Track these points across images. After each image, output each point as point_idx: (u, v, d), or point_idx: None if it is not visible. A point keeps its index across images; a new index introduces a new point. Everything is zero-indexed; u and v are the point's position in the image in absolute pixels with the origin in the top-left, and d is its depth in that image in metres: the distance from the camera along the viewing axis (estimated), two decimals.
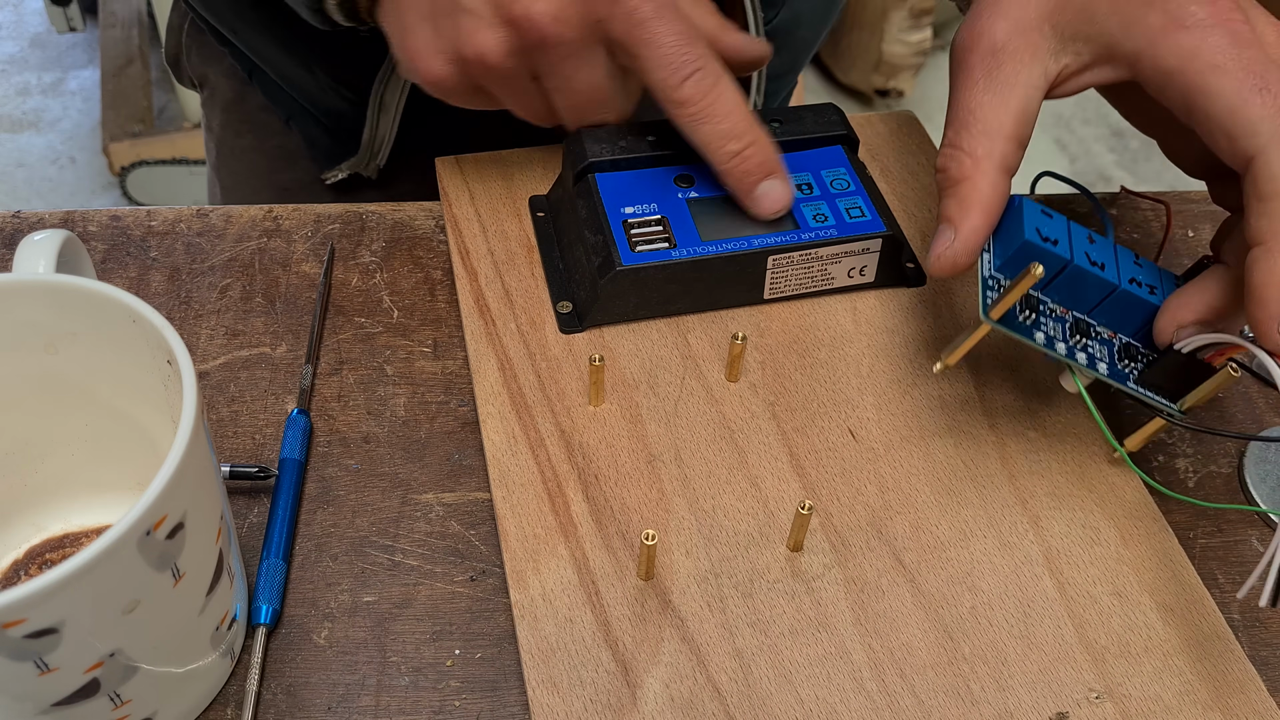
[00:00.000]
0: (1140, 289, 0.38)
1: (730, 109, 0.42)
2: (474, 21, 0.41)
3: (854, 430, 0.41)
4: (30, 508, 0.38)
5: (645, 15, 0.40)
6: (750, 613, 0.36)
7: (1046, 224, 0.38)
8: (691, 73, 0.41)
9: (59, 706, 0.30)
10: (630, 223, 0.43)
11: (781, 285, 0.45)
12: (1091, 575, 0.38)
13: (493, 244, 0.47)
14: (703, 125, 0.42)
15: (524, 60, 0.42)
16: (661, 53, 0.40)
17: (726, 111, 0.42)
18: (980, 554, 0.38)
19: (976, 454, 0.41)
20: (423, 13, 0.42)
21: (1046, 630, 0.37)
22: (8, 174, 1.86)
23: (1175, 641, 0.36)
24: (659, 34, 0.40)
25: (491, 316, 0.44)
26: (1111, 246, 0.39)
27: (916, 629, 0.36)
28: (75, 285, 0.33)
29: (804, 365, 0.43)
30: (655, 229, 0.43)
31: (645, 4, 0.40)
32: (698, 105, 0.41)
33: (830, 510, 0.39)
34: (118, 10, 1.91)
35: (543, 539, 0.38)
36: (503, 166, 0.50)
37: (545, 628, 0.36)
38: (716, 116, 0.42)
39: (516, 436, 0.40)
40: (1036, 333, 0.38)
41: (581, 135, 0.45)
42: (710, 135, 0.42)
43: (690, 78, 0.41)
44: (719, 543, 0.38)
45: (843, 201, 0.45)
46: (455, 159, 0.50)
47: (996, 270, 0.39)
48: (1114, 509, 0.40)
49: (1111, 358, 0.39)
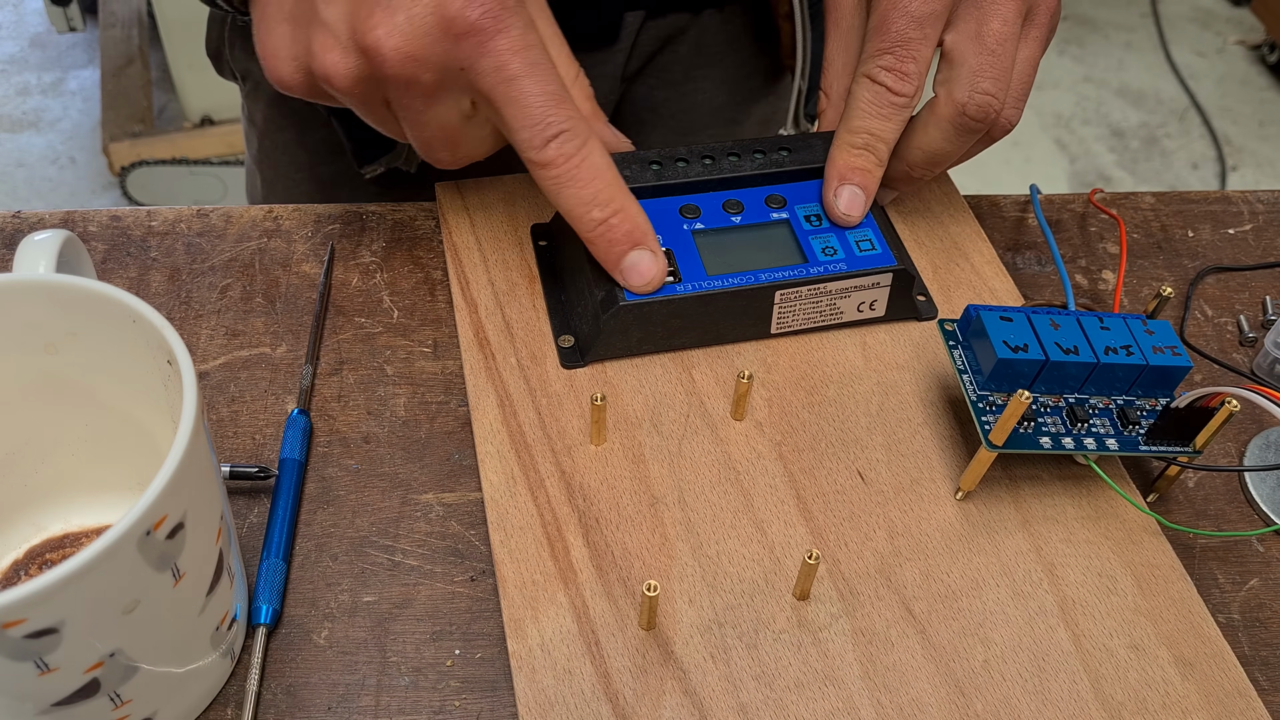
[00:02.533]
0: (1118, 354, 0.39)
1: (595, 174, 0.40)
2: (328, 39, 0.39)
3: (863, 472, 0.40)
4: (30, 508, 0.38)
5: (514, 72, 0.38)
6: (755, 665, 0.35)
7: (1010, 330, 0.39)
8: (556, 134, 0.39)
9: (59, 706, 0.30)
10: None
11: (789, 320, 0.43)
12: (1108, 627, 0.37)
13: (493, 274, 0.46)
14: (566, 189, 0.40)
15: (373, 89, 0.40)
16: (527, 112, 0.38)
17: (590, 177, 0.40)
18: (993, 604, 0.37)
19: (989, 498, 0.40)
20: (285, 12, 0.40)
21: (1061, 685, 0.35)
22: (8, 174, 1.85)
23: (1194, 698, 0.35)
24: (527, 92, 0.38)
25: (491, 350, 0.43)
26: (1075, 321, 0.40)
27: (927, 683, 0.35)
28: (75, 285, 0.33)
29: (812, 403, 0.42)
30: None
31: (515, 59, 0.38)
32: (561, 168, 0.39)
33: (838, 557, 0.38)
34: (118, 10, 1.90)
35: (542, 586, 0.37)
36: (505, 192, 0.49)
37: (544, 680, 0.35)
38: (580, 180, 0.40)
39: (515, 477, 0.39)
40: (1041, 438, 0.39)
41: None
42: (573, 201, 0.40)
43: (554, 139, 0.39)
44: (723, 590, 0.37)
45: (852, 234, 0.44)
46: (456, 184, 0.49)
47: (982, 390, 0.39)
48: (1131, 556, 0.39)
49: (1115, 428, 0.39)
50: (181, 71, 1.70)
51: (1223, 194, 0.55)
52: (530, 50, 0.38)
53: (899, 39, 0.42)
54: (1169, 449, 0.39)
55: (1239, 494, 0.43)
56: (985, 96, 0.43)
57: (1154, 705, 0.35)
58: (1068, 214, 0.53)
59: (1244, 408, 0.42)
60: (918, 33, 0.42)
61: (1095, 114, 2.11)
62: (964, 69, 0.43)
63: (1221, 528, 0.42)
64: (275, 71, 0.41)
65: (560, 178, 0.40)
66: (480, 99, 0.39)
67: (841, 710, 0.35)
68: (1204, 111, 2.12)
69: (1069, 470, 0.41)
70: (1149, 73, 2.21)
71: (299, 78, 0.41)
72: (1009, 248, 0.52)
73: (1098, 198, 0.51)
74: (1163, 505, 0.42)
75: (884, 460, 0.41)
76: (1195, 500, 0.43)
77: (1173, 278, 0.51)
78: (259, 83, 0.67)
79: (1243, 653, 0.38)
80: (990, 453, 0.38)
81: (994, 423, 0.38)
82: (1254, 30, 2.31)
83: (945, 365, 0.44)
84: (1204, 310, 0.50)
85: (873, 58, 0.43)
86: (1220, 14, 2.37)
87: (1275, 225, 0.54)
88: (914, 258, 0.48)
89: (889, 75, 0.43)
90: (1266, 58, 2.23)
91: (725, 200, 0.45)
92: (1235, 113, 2.13)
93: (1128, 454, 0.39)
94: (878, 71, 0.43)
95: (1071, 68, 2.22)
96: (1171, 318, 0.49)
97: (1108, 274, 0.51)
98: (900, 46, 0.43)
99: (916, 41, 0.43)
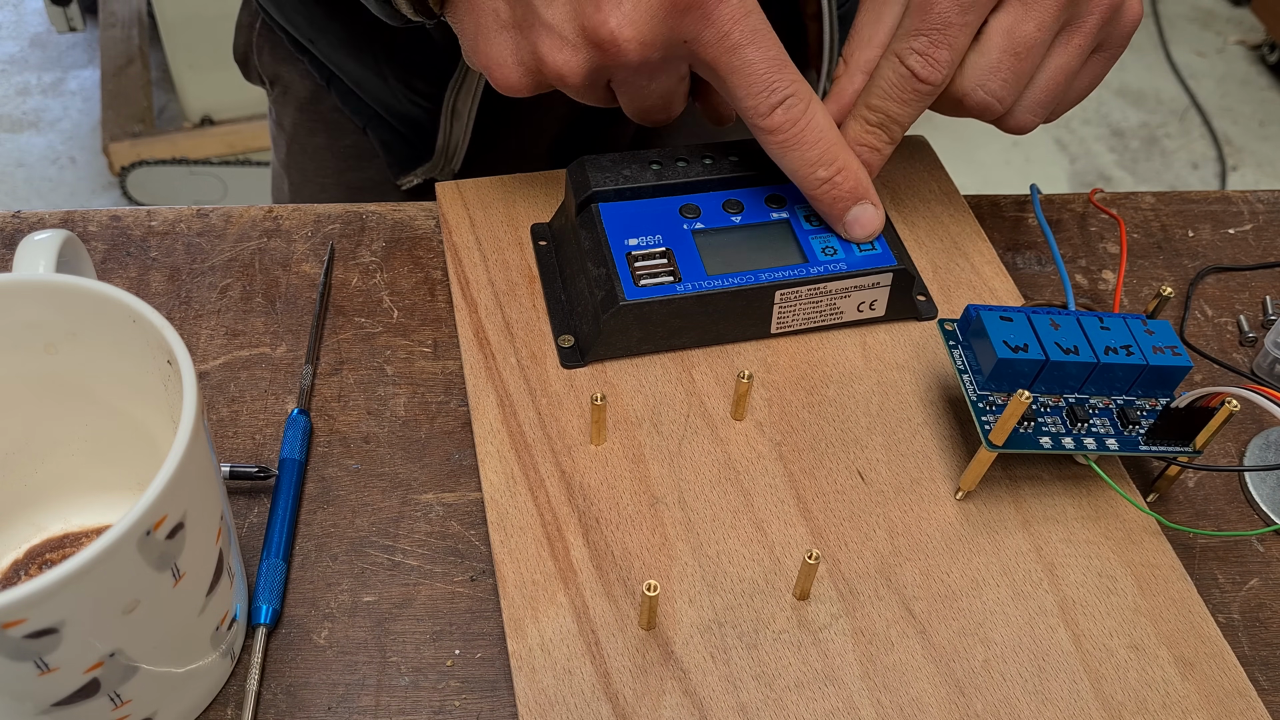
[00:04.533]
0: (1118, 354, 0.39)
1: (819, 135, 0.41)
2: (556, 40, 0.39)
3: (863, 472, 0.40)
4: (30, 508, 0.38)
5: (737, 40, 0.39)
6: (755, 664, 0.35)
7: (1010, 330, 0.39)
8: (782, 99, 0.40)
9: (59, 706, 0.30)
10: (634, 255, 0.42)
11: (789, 320, 0.43)
12: (1108, 627, 0.37)
13: (493, 274, 0.46)
14: (792, 152, 0.41)
15: (603, 75, 0.41)
16: (751, 79, 0.39)
17: (816, 138, 0.41)
18: (993, 604, 0.37)
19: (989, 498, 0.40)
20: (502, 20, 0.41)
21: (1061, 685, 0.35)
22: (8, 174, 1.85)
23: (1195, 698, 0.35)
24: (750, 60, 0.39)
25: (491, 350, 0.43)
26: (1075, 321, 0.40)
27: (927, 683, 0.35)
28: (75, 285, 0.33)
29: (812, 403, 0.42)
30: (660, 262, 0.42)
31: (736, 27, 0.39)
32: (788, 133, 0.41)
33: (838, 556, 0.38)
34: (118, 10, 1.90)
35: (542, 586, 0.37)
36: (505, 192, 0.49)
37: (544, 679, 0.35)
38: (806, 143, 0.41)
39: (515, 477, 0.39)
40: (1041, 438, 0.39)
41: (585, 163, 0.44)
42: (800, 162, 0.41)
43: (781, 105, 0.40)
44: (723, 590, 0.37)
45: None
46: (456, 184, 0.49)
47: (982, 390, 0.39)
48: (1131, 556, 0.39)
49: (1115, 428, 0.39)
50: (181, 71, 1.70)
51: (1223, 194, 0.55)
52: (750, 17, 0.39)
53: (939, 22, 0.40)
54: (1169, 449, 0.39)
55: (1239, 494, 0.43)
56: (989, 97, 0.42)
57: (1154, 705, 0.35)
58: (1068, 214, 0.53)
59: (1244, 408, 0.43)
60: (960, 18, 0.40)
61: (1095, 114, 2.11)
62: (982, 60, 0.41)
63: (1221, 528, 0.42)
64: (504, 79, 0.42)
65: (788, 141, 0.41)
66: (704, 68, 0.40)
67: (841, 710, 0.35)
68: (1204, 111, 2.12)
69: (1069, 470, 0.41)
70: (1149, 73, 2.21)
71: (526, 80, 0.42)
72: (1009, 248, 0.52)
73: (1098, 198, 0.51)
74: (1163, 505, 0.42)
75: (884, 460, 0.41)
76: (1195, 500, 0.43)
77: (1173, 278, 0.51)
78: (288, 87, 0.67)
79: (1243, 653, 0.38)
80: (990, 453, 0.38)
81: (994, 423, 0.38)
82: (1254, 30, 2.31)
83: (945, 365, 0.44)
84: (1204, 310, 0.50)
85: (908, 36, 0.41)
86: (1220, 14, 2.37)
87: (1275, 225, 0.54)
88: (914, 258, 0.48)
89: (918, 60, 0.41)
90: (1266, 58, 2.23)
91: (725, 200, 0.45)
92: (1235, 113, 2.13)
93: (1128, 454, 0.39)
94: (908, 53, 0.41)
95: None
96: (1171, 318, 0.49)
97: (1108, 274, 0.51)
98: (938, 30, 0.41)
99: (956, 27, 0.41)
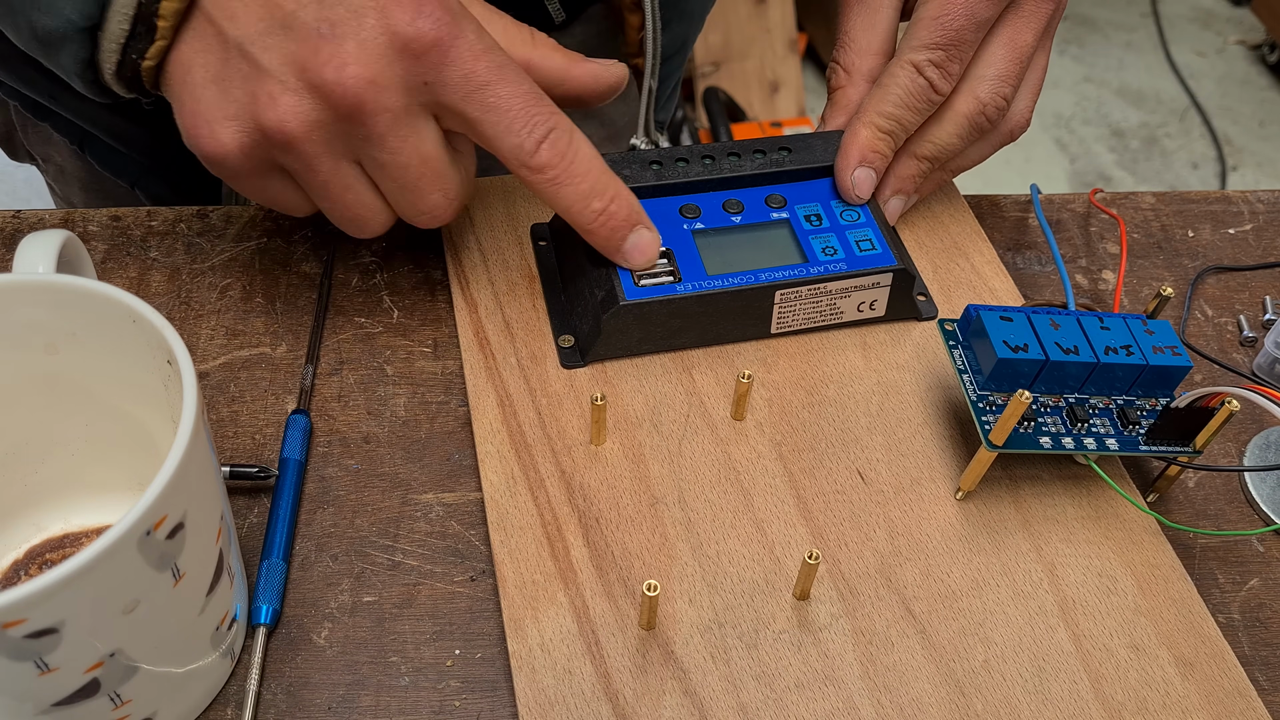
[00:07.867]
0: (1118, 354, 0.39)
1: (588, 165, 0.39)
2: (274, 87, 0.35)
3: (863, 472, 0.40)
4: (30, 508, 0.38)
5: (484, 78, 0.36)
6: (755, 665, 0.35)
7: (1010, 330, 0.39)
8: (546, 134, 0.37)
9: (59, 706, 0.30)
10: None
11: (789, 320, 0.43)
12: (1108, 627, 0.37)
13: (493, 274, 0.46)
14: (564, 188, 0.39)
15: (335, 134, 0.36)
16: (509, 117, 0.37)
17: (586, 169, 0.39)
18: (993, 604, 0.37)
19: (989, 498, 0.40)
20: (211, 73, 0.36)
21: (1062, 686, 0.35)
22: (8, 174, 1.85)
23: (1195, 698, 0.35)
24: (503, 97, 0.36)
25: (491, 350, 0.43)
26: (1075, 321, 0.40)
27: (927, 683, 0.35)
28: (75, 285, 0.33)
29: (812, 403, 0.42)
30: (660, 262, 0.42)
31: (479, 64, 0.36)
32: (558, 168, 0.38)
33: (838, 556, 0.38)
34: None
35: (542, 585, 0.37)
36: (505, 192, 0.49)
37: (544, 679, 0.35)
38: (578, 175, 0.39)
39: (516, 477, 0.39)
40: (1041, 438, 0.39)
41: None
42: (574, 197, 0.39)
43: (546, 140, 0.37)
44: (723, 590, 0.37)
45: (852, 234, 0.44)
46: None
47: (982, 390, 0.39)
48: (1131, 555, 0.39)
49: (1115, 428, 0.39)
50: None
51: (1223, 194, 0.55)
52: (492, 52, 0.36)
53: (956, 38, 0.42)
54: (1169, 449, 0.39)
55: (1239, 494, 0.43)
56: (1005, 101, 0.44)
57: (1154, 705, 0.35)
58: (1068, 214, 0.53)
59: (1244, 408, 0.42)
60: (973, 35, 0.43)
61: (1095, 114, 2.11)
62: (993, 70, 0.43)
63: (1221, 528, 0.42)
64: (211, 140, 0.36)
65: (559, 178, 0.38)
66: (453, 116, 0.37)
67: (841, 710, 0.35)
68: (1204, 111, 2.12)
69: (1069, 470, 0.41)
70: (1149, 73, 2.21)
71: (239, 140, 0.36)
72: (1009, 248, 0.52)
73: (1098, 197, 0.51)
74: (1163, 505, 0.42)
75: (884, 460, 0.41)
76: (1195, 500, 0.43)
77: (1173, 278, 0.51)
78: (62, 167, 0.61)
79: (1243, 653, 0.38)
80: (990, 453, 0.38)
81: (994, 423, 0.38)
82: (1254, 30, 2.31)
83: (945, 365, 0.44)
84: (1204, 310, 0.50)
85: (925, 49, 0.43)
86: (1220, 14, 2.37)
87: (1275, 225, 0.54)
88: (914, 258, 0.48)
89: (936, 72, 0.43)
90: (1266, 58, 2.23)
91: (725, 200, 0.45)
92: (1235, 113, 2.13)
93: (1128, 454, 0.39)
94: (926, 65, 0.43)
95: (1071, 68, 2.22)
96: (1171, 318, 0.49)
97: (1108, 274, 0.51)
98: (954, 45, 0.42)
99: (970, 44, 0.43)
